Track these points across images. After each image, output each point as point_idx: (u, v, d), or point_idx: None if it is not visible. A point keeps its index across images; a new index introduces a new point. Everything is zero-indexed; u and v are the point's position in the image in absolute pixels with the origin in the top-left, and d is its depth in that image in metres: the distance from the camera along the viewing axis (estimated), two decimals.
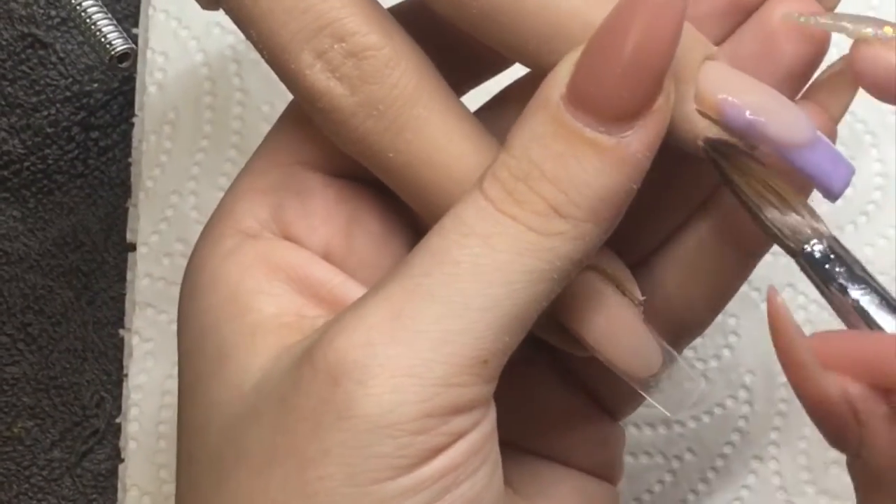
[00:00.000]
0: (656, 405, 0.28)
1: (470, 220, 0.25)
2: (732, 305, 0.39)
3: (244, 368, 0.27)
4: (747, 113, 0.26)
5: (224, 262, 0.28)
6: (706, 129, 0.26)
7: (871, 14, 0.40)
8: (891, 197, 0.40)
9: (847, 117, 0.40)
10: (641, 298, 0.28)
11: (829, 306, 0.39)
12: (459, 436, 0.25)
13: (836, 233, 0.39)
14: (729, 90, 0.26)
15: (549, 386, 0.32)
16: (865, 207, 0.40)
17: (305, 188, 0.29)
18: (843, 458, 0.39)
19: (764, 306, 0.39)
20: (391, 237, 0.29)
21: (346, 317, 0.26)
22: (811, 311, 0.39)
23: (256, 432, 0.26)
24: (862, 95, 0.40)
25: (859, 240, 0.40)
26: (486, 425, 0.26)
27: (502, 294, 0.25)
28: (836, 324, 0.39)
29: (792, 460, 0.39)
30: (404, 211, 0.30)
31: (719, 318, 0.39)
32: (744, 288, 0.39)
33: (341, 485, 0.25)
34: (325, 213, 0.29)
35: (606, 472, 0.32)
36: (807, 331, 0.39)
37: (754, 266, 0.31)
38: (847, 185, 0.27)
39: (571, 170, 0.25)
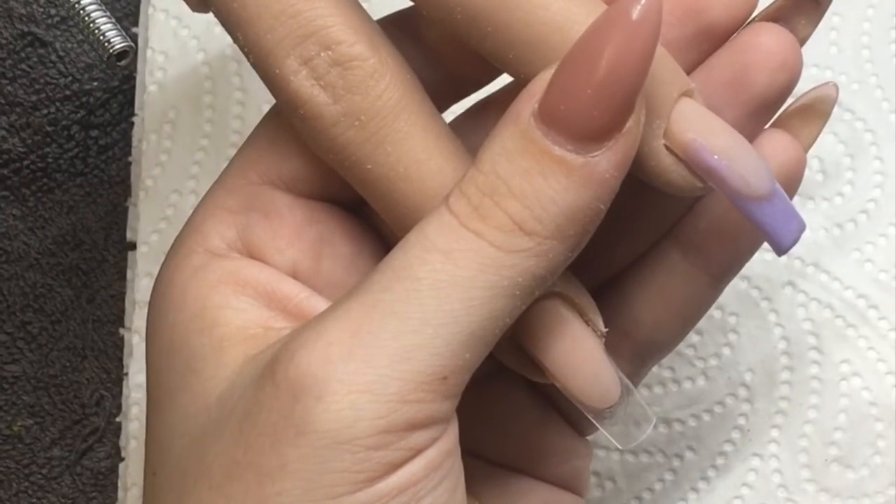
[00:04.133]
0: (608, 437, 0.28)
1: (433, 235, 0.25)
2: (732, 304, 0.40)
3: (211, 381, 0.27)
4: (713, 157, 0.26)
5: (192, 278, 0.28)
6: (671, 166, 0.26)
7: (869, 12, 0.40)
8: (890, 195, 0.40)
9: (846, 115, 0.40)
10: (604, 330, 0.27)
11: (830, 304, 0.39)
12: (418, 451, 0.25)
13: (836, 231, 0.40)
14: (699, 131, 0.26)
15: (515, 399, 0.32)
16: (865, 206, 0.40)
17: (274, 209, 0.28)
18: (843, 455, 0.39)
19: (764, 304, 0.40)
20: (361, 259, 0.29)
21: (306, 332, 0.25)
22: (811, 310, 0.39)
23: (218, 447, 0.26)
24: (862, 93, 0.40)
25: (860, 238, 0.40)
26: (446, 441, 0.26)
27: (461, 310, 0.25)
28: (838, 322, 0.39)
29: (792, 458, 0.39)
30: (375, 233, 0.30)
31: (719, 316, 0.39)
32: (743, 286, 0.40)
33: (299, 500, 0.24)
34: (292, 235, 0.29)
35: (573, 484, 0.32)
36: (806, 328, 0.39)
37: (723, 289, 0.31)
38: (796, 240, 0.27)
39: (538, 186, 0.25)
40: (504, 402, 0.31)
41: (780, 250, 0.27)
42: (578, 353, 0.27)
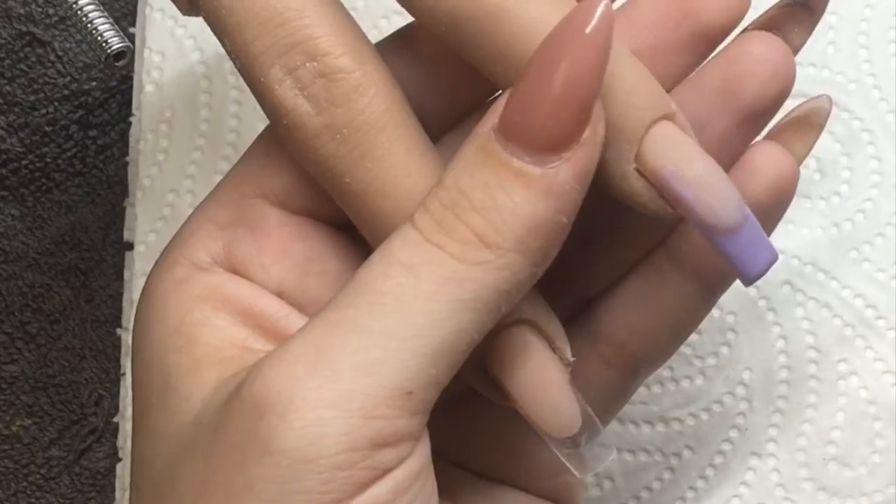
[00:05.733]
0: (566, 463, 0.28)
1: (397, 250, 0.25)
2: (731, 303, 0.40)
3: (187, 401, 0.27)
4: (682, 186, 0.26)
5: (174, 291, 0.28)
6: (641, 190, 0.26)
7: (867, 12, 0.41)
8: (887, 194, 0.40)
9: (844, 115, 0.40)
10: (571, 359, 0.27)
11: (827, 304, 0.39)
12: (385, 471, 0.25)
13: (833, 231, 0.40)
14: (671, 158, 0.26)
15: (505, 411, 0.31)
16: (863, 205, 0.40)
17: (261, 225, 0.28)
18: (841, 454, 0.39)
19: (762, 303, 0.40)
20: (349, 277, 0.29)
21: (275, 350, 0.25)
22: (809, 309, 0.40)
23: (191, 467, 0.26)
24: (860, 92, 0.40)
25: (857, 237, 0.40)
26: (414, 461, 0.25)
27: (425, 324, 0.25)
28: (836, 321, 0.39)
29: (790, 457, 0.39)
30: (366, 251, 0.29)
31: (717, 315, 0.40)
32: (741, 285, 0.40)
33: None
34: (278, 252, 0.28)
35: (565, 498, 0.32)
36: (804, 327, 0.39)
37: (715, 301, 0.31)
38: (764, 272, 0.27)
39: (498, 199, 0.25)
40: (493, 413, 0.31)
41: (747, 281, 0.27)
42: (542, 381, 0.27)
